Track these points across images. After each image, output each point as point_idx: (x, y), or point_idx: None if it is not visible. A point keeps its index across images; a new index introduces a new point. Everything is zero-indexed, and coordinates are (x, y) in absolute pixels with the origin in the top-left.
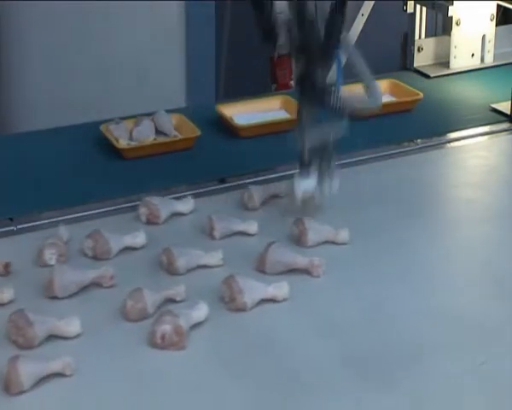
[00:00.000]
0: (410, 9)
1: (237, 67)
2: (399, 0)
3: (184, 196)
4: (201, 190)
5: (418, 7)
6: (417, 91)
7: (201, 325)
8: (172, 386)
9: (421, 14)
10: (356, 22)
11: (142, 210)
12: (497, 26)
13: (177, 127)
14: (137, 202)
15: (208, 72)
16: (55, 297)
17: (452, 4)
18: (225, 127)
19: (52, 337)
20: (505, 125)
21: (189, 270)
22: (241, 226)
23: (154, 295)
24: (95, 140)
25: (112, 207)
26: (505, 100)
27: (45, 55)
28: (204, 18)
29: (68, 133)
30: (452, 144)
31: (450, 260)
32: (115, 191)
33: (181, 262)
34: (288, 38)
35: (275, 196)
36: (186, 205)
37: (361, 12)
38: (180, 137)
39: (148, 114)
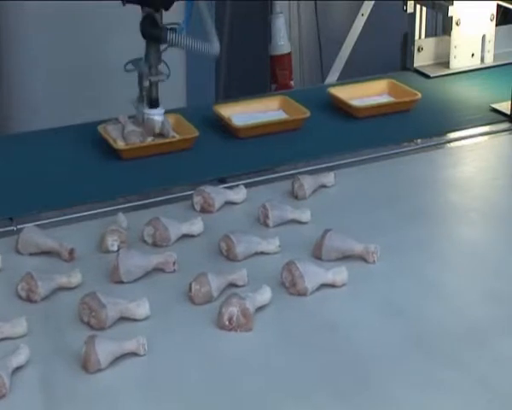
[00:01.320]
0: (410, 9)
1: (237, 67)
2: (399, 0)
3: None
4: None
5: (418, 7)
6: (415, 92)
7: (265, 308)
8: (242, 366)
9: (421, 14)
10: (356, 22)
11: (197, 199)
12: (497, 26)
13: (176, 128)
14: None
15: (208, 72)
16: (120, 282)
17: (452, 4)
18: (224, 128)
19: (122, 319)
20: (505, 125)
21: (247, 256)
22: (295, 214)
23: (218, 280)
24: (94, 140)
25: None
26: (505, 100)
27: (45, 55)
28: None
29: (67, 133)
30: (452, 144)
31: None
32: (115, 192)
33: (240, 249)
34: None
35: (323, 186)
36: (238, 194)
37: (361, 12)
38: (178, 137)
39: None
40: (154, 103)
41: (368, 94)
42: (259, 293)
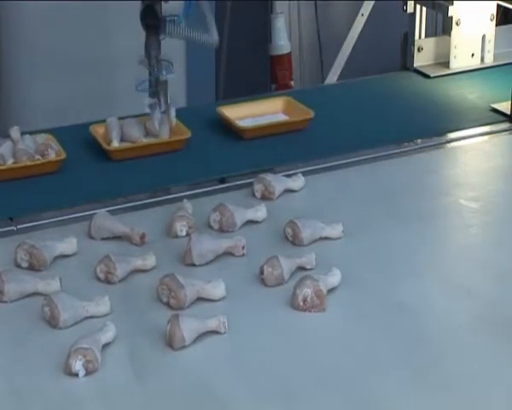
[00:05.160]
0: (410, 9)
1: (237, 67)
2: (399, 0)
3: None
4: (200, 191)
5: (418, 7)
6: (309, 110)
7: (335, 290)
8: (318, 343)
9: (421, 14)
10: (356, 22)
11: (258, 186)
12: (497, 26)
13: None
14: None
15: (208, 72)
16: (192, 265)
17: (452, 4)
18: (224, 128)
19: (198, 300)
20: (505, 125)
21: (312, 241)
22: None
23: (288, 263)
24: (94, 140)
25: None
26: (505, 100)
27: (45, 55)
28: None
29: (67, 133)
30: (452, 144)
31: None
32: (115, 191)
33: (306, 234)
34: None
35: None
36: (297, 182)
37: (361, 12)
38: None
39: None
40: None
41: (262, 113)
42: (330, 275)
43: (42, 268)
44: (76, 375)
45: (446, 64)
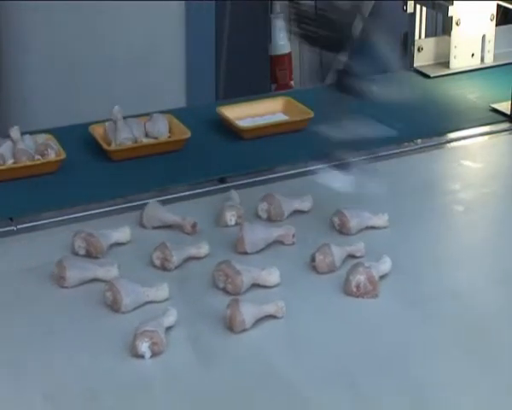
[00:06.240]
0: (410, 9)
1: (237, 67)
2: (399, 0)
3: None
4: (200, 191)
5: (418, 7)
6: (309, 110)
7: (386, 277)
8: (373, 329)
9: (421, 14)
10: (356, 22)
11: None
12: (497, 26)
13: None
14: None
15: (208, 72)
16: (244, 253)
17: (452, 4)
18: (224, 128)
19: (253, 286)
20: (505, 125)
21: (359, 230)
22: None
23: (339, 251)
24: (94, 140)
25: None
26: (505, 100)
27: (45, 55)
28: (204, 18)
29: (67, 133)
30: (452, 144)
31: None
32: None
33: (353, 223)
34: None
35: None
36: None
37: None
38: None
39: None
40: None
41: (261, 113)
42: (381, 263)
43: (99, 255)
44: (142, 357)
45: (446, 64)
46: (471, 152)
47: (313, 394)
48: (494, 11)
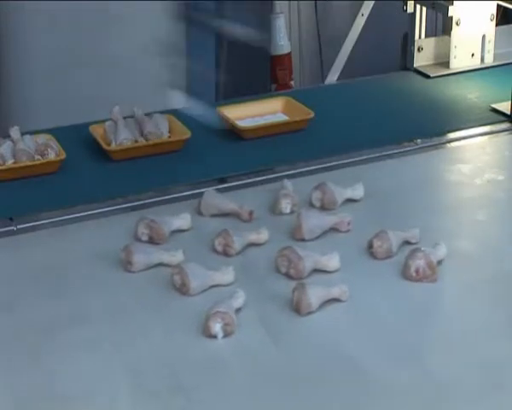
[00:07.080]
0: (410, 9)
1: (237, 67)
2: (399, 0)
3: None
4: (199, 191)
5: (418, 7)
6: (309, 111)
7: (442, 262)
8: (434, 312)
9: (421, 14)
10: (356, 22)
11: None
12: (497, 26)
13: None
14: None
15: (208, 72)
16: (302, 239)
17: (452, 4)
18: (224, 128)
19: (314, 271)
20: (505, 125)
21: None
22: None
23: (396, 237)
24: (94, 140)
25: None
26: (505, 100)
27: (45, 55)
28: (204, 18)
29: (67, 133)
30: (452, 144)
31: None
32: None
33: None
34: None
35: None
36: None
37: (361, 12)
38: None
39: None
40: None
41: (261, 113)
42: (438, 249)
43: (161, 241)
44: (215, 337)
45: (446, 64)
46: (471, 152)
47: (379, 371)
48: (494, 11)
